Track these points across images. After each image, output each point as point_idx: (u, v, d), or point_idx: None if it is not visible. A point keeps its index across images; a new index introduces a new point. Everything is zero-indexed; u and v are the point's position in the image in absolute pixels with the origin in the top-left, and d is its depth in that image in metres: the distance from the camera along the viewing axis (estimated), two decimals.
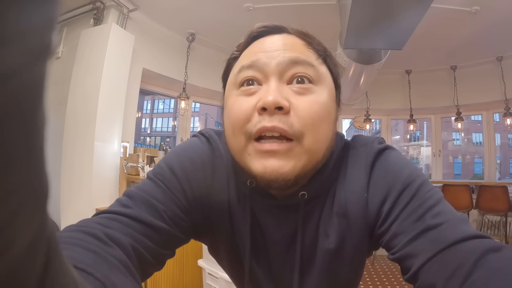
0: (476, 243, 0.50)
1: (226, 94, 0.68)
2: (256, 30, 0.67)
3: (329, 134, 0.63)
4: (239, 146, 0.62)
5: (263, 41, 0.65)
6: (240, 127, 0.60)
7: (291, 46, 0.62)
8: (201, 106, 9.13)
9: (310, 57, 0.63)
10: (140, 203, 0.61)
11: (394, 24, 2.80)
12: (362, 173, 0.67)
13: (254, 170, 0.59)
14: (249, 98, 0.61)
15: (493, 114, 5.53)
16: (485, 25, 3.88)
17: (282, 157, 0.58)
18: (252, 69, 0.62)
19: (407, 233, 0.56)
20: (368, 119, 5.87)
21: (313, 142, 0.59)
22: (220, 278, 2.47)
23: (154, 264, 0.60)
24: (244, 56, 0.66)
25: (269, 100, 0.56)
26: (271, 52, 0.61)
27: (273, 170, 0.57)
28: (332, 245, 0.67)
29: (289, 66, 0.60)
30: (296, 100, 0.59)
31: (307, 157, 0.59)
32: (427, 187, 0.61)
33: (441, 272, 0.49)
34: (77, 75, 3.37)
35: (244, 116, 0.60)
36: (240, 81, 0.63)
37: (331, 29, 3.76)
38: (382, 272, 4.38)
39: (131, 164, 3.44)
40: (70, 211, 3.16)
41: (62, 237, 0.46)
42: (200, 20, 4.18)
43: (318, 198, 0.69)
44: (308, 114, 0.58)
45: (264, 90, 0.60)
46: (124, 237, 0.52)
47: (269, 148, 0.57)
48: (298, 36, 0.65)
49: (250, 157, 0.60)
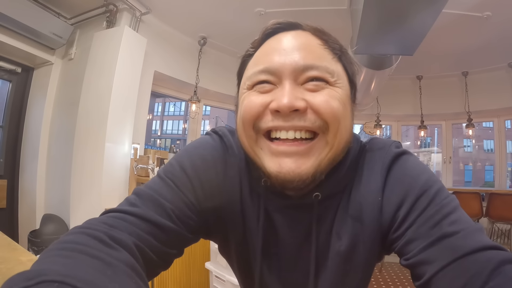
0: (493, 254, 0.49)
1: (240, 93, 0.68)
2: (270, 27, 0.66)
3: (348, 127, 0.63)
4: (250, 140, 0.62)
5: (277, 39, 0.64)
6: (250, 122, 0.61)
7: (306, 47, 0.62)
8: (211, 109, 9.14)
9: (326, 57, 0.62)
10: (148, 201, 0.61)
11: (405, 29, 2.79)
12: (378, 176, 0.66)
13: (268, 168, 0.59)
14: (262, 95, 0.61)
15: (504, 121, 5.45)
16: (497, 31, 3.84)
17: (300, 157, 0.58)
18: (266, 73, 0.61)
19: (423, 239, 0.56)
20: (378, 125, 5.83)
21: (334, 135, 0.59)
22: (227, 281, 2.47)
23: (160, 263, 0.60)
24: (258, 57, 0.66)
25: (284, 103, 0.56)
26: (286, 54, 0.60)
27: (289, 170, 0.57)
28: (343, 247, 0.67)
29: (305, 71, 0.59)
30: (312, 97, 0.59)
31: (328, 150, 0.60)
32: (444, 193, 0.60)
33: (456, 280, 0.49)
34: (90, 76, 3.41)
35: (255, 112, 0.60)
36: (253, 84, 0.63)
37: (342, 34, 3.73)
38: (390, 279, 4.35)
39: (141, 166, 3.46)
40: (79, 211, 3.19)
41: (67, 243, 0.46)
42: (212, 24, 4.20)
43: (332, 199, 0.68)
44: (326, 109, 0.58)
45: (278, 91, 0.59)
46: (129, 237, 0.53)
47: (287, 150, 0.58)
48: (313, 33, 0.65)
49: (263, 152, 0.61)
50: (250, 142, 0.63)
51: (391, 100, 5.83)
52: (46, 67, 3.92)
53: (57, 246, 0.46)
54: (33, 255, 0.97)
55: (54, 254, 0.44)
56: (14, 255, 0.97)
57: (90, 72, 3.42)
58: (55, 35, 3.57)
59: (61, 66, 3.97)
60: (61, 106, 3.83)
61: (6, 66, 3.68)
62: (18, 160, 3.91)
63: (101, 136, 3.17)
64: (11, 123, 3.86)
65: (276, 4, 3.64)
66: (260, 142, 0.61)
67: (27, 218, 3.77)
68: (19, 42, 3.47)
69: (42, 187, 3.78)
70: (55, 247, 0.46)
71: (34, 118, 3.90)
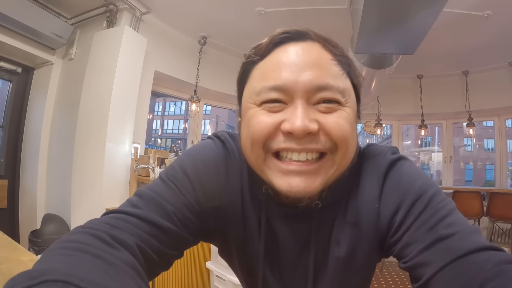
0: (490, 255, 0.50)
1: (245, 105, 0.65)
2: (278, 36, 0.63)
3: (354, 148, 0.64)
4: (259, 160, 0.62)
5: (286, 52, 0.61)
6: (260, 143, 0.60)
7: (319, 64, 0.59)
8: (212, 109, 9.18)
9: (337, 75, 0.60)
10: (150, 203, 0.61)
11: (406, 28, 2.79)
12: (375, 183, 0.67)
13: (277, 187, 0.59)
14: (273, 115, 0.59)
15: (505, 120, 5.45)
16: (497, 30, 3.84)
17: (309, 176, 0.58)
18: (276, 91, 0.59)
19: (420, 243, 0.56)
20: (379, 124, 5.83)
21: (342, 156, 0.60)
22: (228, 280, 2.47)
23: (161, 264, 0.60)
24: (266, 70, 0.62)
25: (298, 126, 0.55)
26: (298, 71, 0.58)
27: (299, 189, 0.57)
28: (343, 254, 0.68)
29: (317, 92, 0.58)
30: (324, 118, 0.58)
31: (334, 169, 0.60)
32: (440, 197, 0.61)
33: (454, 282, 0.49)
34: (90, 76, 3.41)
35: (266, 132, 0.59)
36: (263, 101, 0.61)
37: (343, 34, 3.75)
38: (390, 278, 4.35)
39: (142, 166, 3.46)
40: (80, 211, 3.19)
41: (69, 242, 0.47)
42: (212, 23, 4.19)
43: (331, 207, 0.69)
44: (337, 132, 0.58)
45: (290, 112, 0.58)
46: (130, 238, 0.53)
47: (296, 169, 0.58)
48: (323, 46, 0.62)
49: (271, 172, 0.60)
50: (258, 161, 0.62)
51: (392, 99, 5.83)
52: (47, 67, 3.92)
53: (60, 245, 0.46)
54: (34, 255, 0.97)
55: (57, 253, 0.44)
56: (15, 255, 0.97)
57: (91, 72, 3.42)
58: (55, 35, 3.56)
59: (62, 66, 3.97)
60: (62, 106, 3.83)
61: (7, 66, 3.68)
62: (18, 160, 3.91)
63: (101, 136, 3.17)
64: (11, 123, 3.86)
65: (277, 4, 3.63)
66: (268, 161, 0.61)
67: (27, 218, 3.77)
68: (20, 42, 3.47)
69: (43, 187, 3.78)
70: (58, 246, 0.46)
71: (34, 118, 3.90)
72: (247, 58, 0.67)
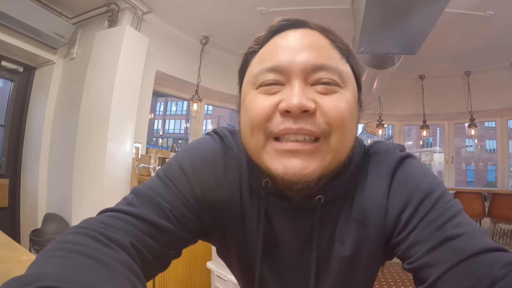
0: (498, 256, 0.49)
1: (243, 92, 0.65)
2: (277, 24, 0.63)
3: (353, 134, 0.62)
4: (258, 145, 0.60)
5: (285, 37, 0.61)
6: (259, 125, 0.58)
7: (316, 46, 0.59)
8: (213, 108, 9.16)
9: (335, 58, 0.60)
10: (146, 201, 0.60)
11: (408, 28, 2.78)
12: (383, 180, 0.65)
13: (273, 170, 0.57)
14: (270, 97, 0.58)
15: (507, 121, 5.44)
16: (500, 30, 3.83)
17: (305, 157, 0.56)
18: (273, 72, 0.59)
19: (427, 242, 0.55)
20: (380, 124, 5.83)
21: (339, 141, 0.58)
22: (229, 280, 2.46)
23: (157, 265, 0.59)
24: (264, 53, 0.63)
25: (294, 103, 0.54)
26: (295, 53, 0.58)
27: (295, 171, 0.55)
28: (347, 252, 0.66)
29: (315, 71, 0.57)
30: (322, 99, 0.57)
31: (332, 156, 0.58)
32: (448, 197, 0.60)
33: (462, 283, 0.49)
34: (91, 76, 3.41)
35: (265, 115, 0.58)
36: (260, 83, 0.60)
37: (344, 34, 3.68)
38: (392, 280, 4.34)
39: (143, 165, 3.46)
40: (81, 210, 3.19)
41: (63, 243, 0.46)
42: (213, 23, 4.20)
43: (335, 203, 0.67)
44: (335, 114, 0.56)
45: (287, 91, 0.57)
46: (125, 237, 0.52)
47: (292, 148, 0.56)
48: (321, 32, 0.62)
49: (269, 156, 0.58)
50: (257, 146, 0.60)
51: (393, 100, 5.83)
52: (48, 67, 3.93)
53: (54, 246, 0.46)
54: (33, 255, 0.97)
55: (51, 255, 0.43)
56: (14, 254, 0.97)
57: (92, 71, 3.42)
58: (57, 34, 3.57)
59: (63, 66, 3.97)
60: (63, 105, 3.83)
61: (8, 66, 3.69)
62: (20, 159, 3.92)
63: (102, 135, 3.17)
64: (13, 123, 3.87)
65: (279, 3, 3.64)
66: (268, 146, 0.59)
67: (28, 217, 3.78)
68: (21, 41, 3.47)
69: (44, 186, 3.79)
70: (52, 248, 0.45)
71: (36, 118, 3.91)
72: (248, 49, 0.67)
